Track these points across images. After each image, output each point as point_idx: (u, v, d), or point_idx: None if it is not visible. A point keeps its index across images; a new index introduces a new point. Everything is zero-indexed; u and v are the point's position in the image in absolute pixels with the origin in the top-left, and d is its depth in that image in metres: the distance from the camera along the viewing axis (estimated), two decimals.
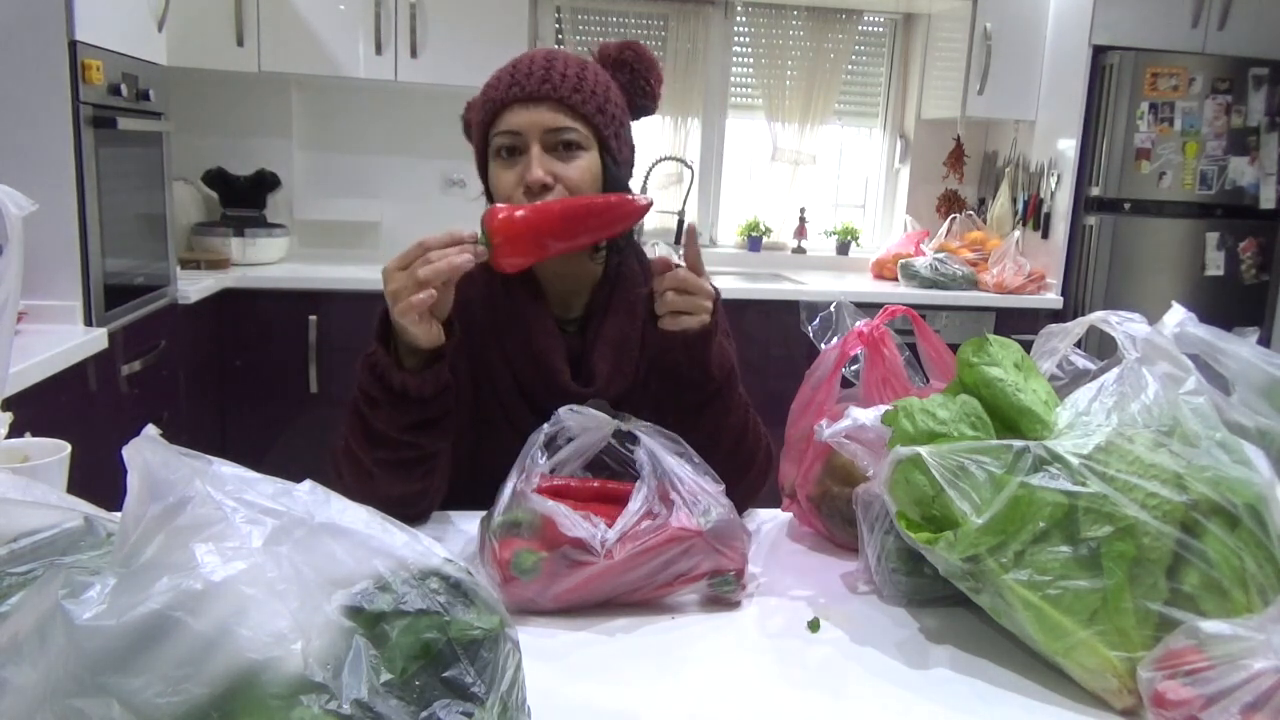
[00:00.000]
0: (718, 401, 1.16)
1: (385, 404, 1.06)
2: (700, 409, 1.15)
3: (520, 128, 1.15)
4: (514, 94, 1.15)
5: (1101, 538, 0.82)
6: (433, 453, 1.11)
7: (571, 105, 1.15)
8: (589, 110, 1.16)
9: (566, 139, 1.15)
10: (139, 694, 0.46)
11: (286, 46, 3.16)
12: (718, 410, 1.16)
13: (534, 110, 1.14)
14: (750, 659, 0.89)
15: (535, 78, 1.15)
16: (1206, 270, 3.45)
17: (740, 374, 1.20)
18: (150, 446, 0.51)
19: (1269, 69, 3.36)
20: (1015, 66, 3.59)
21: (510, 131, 1.15)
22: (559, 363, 1.20)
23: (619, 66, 1.24)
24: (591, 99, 1.17)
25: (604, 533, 0.91)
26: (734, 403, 1.17)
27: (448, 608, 0.57)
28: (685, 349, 1.11)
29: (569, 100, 1.15)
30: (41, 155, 2.07)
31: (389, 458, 1.09)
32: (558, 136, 1.15)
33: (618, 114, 1.21)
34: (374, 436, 1.08)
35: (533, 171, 1.13)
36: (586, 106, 1.16)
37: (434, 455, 1.12)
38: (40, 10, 2.03)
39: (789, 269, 3.89)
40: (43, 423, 1.07)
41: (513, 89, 1.15)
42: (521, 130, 1.15)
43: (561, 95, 1.15)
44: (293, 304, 3.06)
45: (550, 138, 1.15)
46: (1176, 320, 0.95)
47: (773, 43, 3.88)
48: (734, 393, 1.17)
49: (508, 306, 1.22)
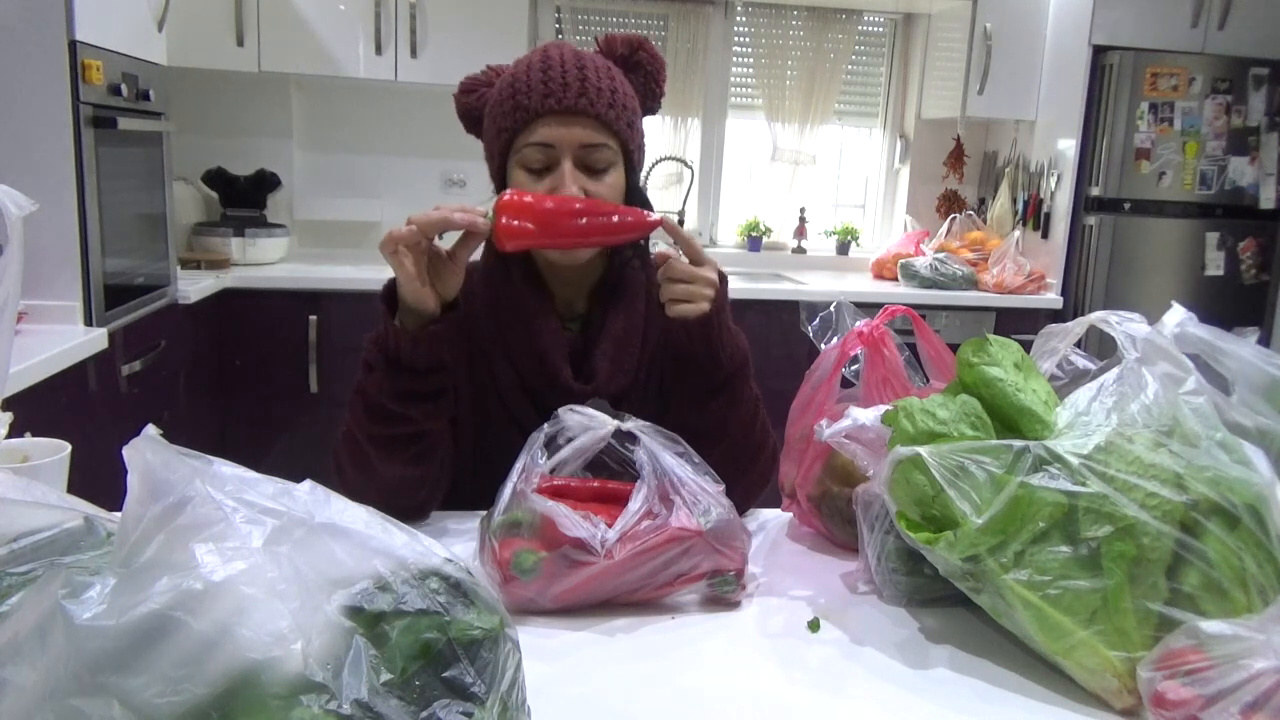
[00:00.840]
0: (728, 390, 1.16)
1: (379, 369, 1.07)
2: (710, 396, 1.15)
3: (555, 141, 1.13)
4: (549, 105, 1.12)
5: (1101, 538, 0.82)
6: (425, 431, 1.11)
7: (606, 121, 1.13)
8: (621, 126, 1.15)
9: (598, 158, 1.14)
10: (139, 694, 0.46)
11: (286, 46, 3.16)
12: (727, 399, 1.16)
13: (570, 125, 1.12)
14: (750, 659, 0.89)
15: (572, 90, 1.12)
16: (1206, 270, 3.45)
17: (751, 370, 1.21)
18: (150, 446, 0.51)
19: (1269, 69, 3.36)
20: (1015, 66, 3.59)
21: (544, 145, 1.13)
22: (560, 360, 1.20)
23: (633, 68, 1.23)
24: (624, 113, 1.16)
25: (604, 533, 0.91)
26: (744, 394, 1.18)
27: (448, 608, 0.57)
28: (689, 336, 1.12)
29: (605, 116, 1.13)
30: (41, 155, 2.08)
31: (382, 433, 1.09)
32: (592, 155, 1.14)
33: (637, 122, 1.21)
34: (369, 408, 1.09)
35: (566, 188, 1.11)
36: (619, 123, 1.15)
37: (426, 435, 1.12)
38: (40, 10, 2.03)
39: (789, 269, 3.89)
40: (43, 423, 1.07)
41: (548, 99, 1.12)
42: (556, 145, 1.13)
43: (598, 111, 1.13)
44: (293, 304, 3.06)
45: (583, 154, 1.14)
46: (1176, 320, 0.95)
47: (773, 43, 3.88)
48: (745, 384, 1.18)
49: (510, 303, 1.23)
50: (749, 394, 1.19)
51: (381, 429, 1.10)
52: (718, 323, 1.12)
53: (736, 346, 1.16)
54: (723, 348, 1.13)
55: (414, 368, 1.07)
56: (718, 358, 1.13)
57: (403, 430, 1.10)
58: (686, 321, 1.10)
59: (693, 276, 1.09)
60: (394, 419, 1.09)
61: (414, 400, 1.09)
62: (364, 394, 1.10)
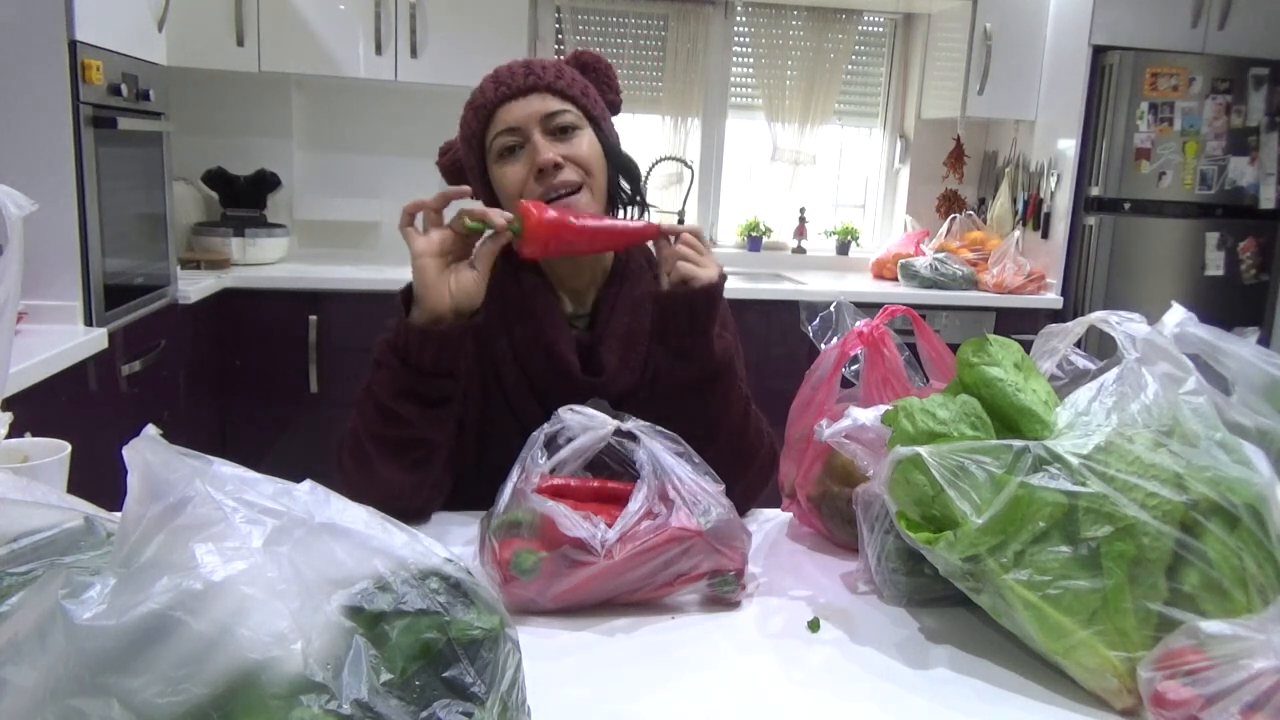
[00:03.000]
0: (718, 385, 1.16)
1: (386, 363, 1.08)
2: (701, 389, 1.15)
3: (517, 121, 1.18)
4: (502, 93, 1.19)
5: (1101, 538, 0.82)
6: (425, 438, 1.11)
7: (558, 90, 1.20)
8: (575, 93, 1.21)
9: (562, 122, 1.19)
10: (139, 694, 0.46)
11: (286, 46, 3.16)
12: (718, 396, 1.16)
13: (525, 101, 1.19)
14: (750, 659, 0.89)
15: (518, 75, 1.20)
16: (1206, 270, 3.45)
17: (743, 374, 1.21)
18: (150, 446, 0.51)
19: (1269, 69, 3.36)
20: (1015, 66, 3.59)
21: (509, 129, 1.18)
22: (569, 354, 1.21)
23: (583, 69, 1.29)
24: (574, 84, 1.22)
25: (604, 533, 0.91)
26: (734, 393, 1.18)
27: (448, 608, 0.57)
28: (692, 308, 1.11)
29: (555, 86, 1.20)
30: (41, 155, 2.07)
31: (382, 432, 1.10)
32: (554, 121, 1.19)
33: (599, 101, 1.26)
34: (373, 406, 1.10)
35: (543, 154, 1.16)
36: (572, 90, 1.21)
37: (426, 442, 1.11)
38: (40, 10, 2.03)
39: (789, 269, 3.89)
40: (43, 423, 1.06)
41: (500, 89, 1.19)
42: (519, 124, 1.18)
43: (547, 82, 1.19)
44: (293, 304, 3.06)
45: (548, 123, 1.19)
46: (1176, 320, 0.95)
47: (773, 43, 3.88)
48: (734, 382, 1.18)
49: (517, 300, 1.23)
50: (739, 393, 1.19)
51: (382, 428, 1.10)
52: (720, 295, 1.13)
53: (725, 341, 1.17)
54: (714, 332, 1.14)
55: (420, 367, 1.07)
56: (710, 344, 1.13)
57: (403, 433, 1.10)
58: (692, 291, 1.10)
59: (704, 248, 1.13)
60: (395, 419, 1.09)
61: (415, 401, 1.09)
62: (370, 391, 1.11)
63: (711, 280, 1.11)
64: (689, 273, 1.10)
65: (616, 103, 1.31)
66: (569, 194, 1.17)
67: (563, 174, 1.16)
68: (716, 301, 1.12)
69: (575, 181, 1.17)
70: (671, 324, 1.13)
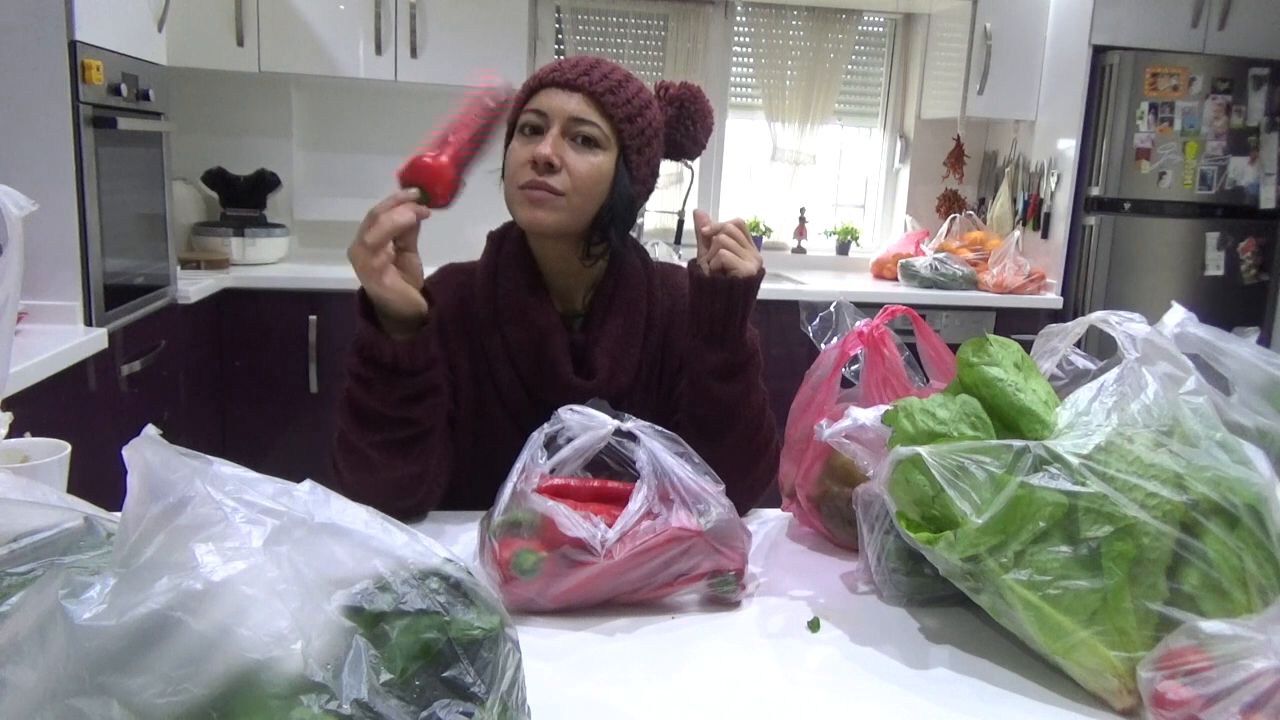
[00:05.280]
0: (745, 374, 1.16)
1: (378, 381, 1.07)
2: (727, 376, 1.15)
3: (547, 109, 1.17)
4: (552, 78, 1.19)
5: (1101, 538, 0.82)
6: (427, 429, 1.11)
7: (602, 103, 1.17)
8: (617, 114, 1.18)
9: (586, 132, 1.17)
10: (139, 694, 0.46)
11: (286, 46, 3.16)
12: (743, 385, 1.16)
13: (565, 95, 1.17)
14: (750, 659, 0.89)
15: (576, 70, 1.19)
16: (1206, 270, 3.45)
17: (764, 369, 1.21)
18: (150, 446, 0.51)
19: (1269, 69, 3.36)
20: (1015, 66, 3.59)
21: (537, 111, 1.18)
22: (561, 356, 1.20)
23: (670, 101, 1.26)
24: (625, 105, 1.18)
25: (604, 533, 0.91)
26: (757, 385, 1.18)
27: (448, 608, 0.57)
28: (727, 300, 1.11)
29: (601, 97, 1.17)
30: (41, 155, 2.07)
31: (385, 439, 1.09)
32: (578, 127, 1.17)
33: (649, 133, 1.22)
34: (369, 419, 1.09)
35: (542, 147, 1.14)
36: (617, 110, 1.18)
37: (429, 433, 1.12)
38: (40, 10, 2.03)
39: (789, 269, 3.89)
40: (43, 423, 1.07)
41: (553, 73, 1.19)
42: (547, 112, 1.17)
43: (596, 90, 1.17)
44: (293, 304, 3.06)
45: (572, 126, 1.17)
46: (1176, 320, 0.95)
47: (773, 43, 3.88)
48: (758, 374, 1.18)
49: (510, 301, 1.23)
50: (761, 387, 1.19)
51: (385, 435, 1.09)
52: (757, 288, 1.13)
53: (753, 333, 1.18)
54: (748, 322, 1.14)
55: (412, 371, 1.07)
56: (743, 330, 1.14)
57: (405, 433, 1.10)
58: (731, 280, 1.10)
59: (746, 240, 1.12)
60: (397, 424, 1.09)
61: (415, 402, 1.09)
62: (359, 407, 1.09)
63: (751, 273, 1.11)
64: (730, 262, 1.10)
65: (685, 148, 1.27)
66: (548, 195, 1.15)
67: (551, 176, 1.14)
68: (754, 293, 1.13)
69: (558, 190, 1.15)
70: (706, 310, 1.13)
